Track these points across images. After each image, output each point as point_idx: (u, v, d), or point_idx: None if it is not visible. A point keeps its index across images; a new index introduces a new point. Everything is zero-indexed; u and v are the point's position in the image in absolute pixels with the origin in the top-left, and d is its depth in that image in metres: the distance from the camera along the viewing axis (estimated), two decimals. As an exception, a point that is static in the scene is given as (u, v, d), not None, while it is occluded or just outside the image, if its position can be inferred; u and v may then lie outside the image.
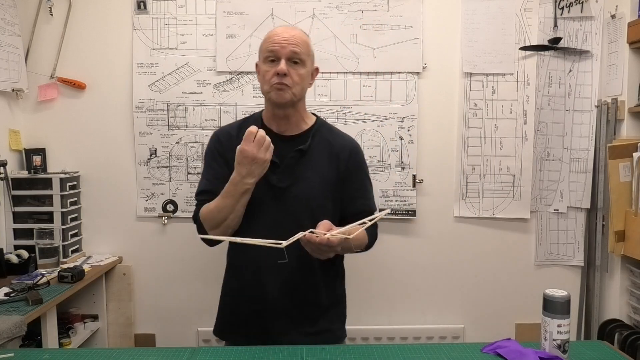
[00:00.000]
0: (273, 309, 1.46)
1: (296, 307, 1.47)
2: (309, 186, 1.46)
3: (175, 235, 2.48)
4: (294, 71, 1.43)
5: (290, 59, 1.42)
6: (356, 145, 1.59)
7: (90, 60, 2.42)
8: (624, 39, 2.26)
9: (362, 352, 1.22)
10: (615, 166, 2.20)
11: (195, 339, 2.50)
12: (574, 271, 2.54)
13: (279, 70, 1.40)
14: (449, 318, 2.55)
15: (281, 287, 1.45)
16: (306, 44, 1.47)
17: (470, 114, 2.46)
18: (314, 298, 1.49)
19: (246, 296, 1.49)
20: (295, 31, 1.47)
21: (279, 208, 1.44)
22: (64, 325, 2.20)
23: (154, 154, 2.45)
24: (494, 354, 1.20)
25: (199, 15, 2.39)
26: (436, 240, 2.52)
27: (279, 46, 1.42)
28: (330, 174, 1.49)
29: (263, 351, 1.23)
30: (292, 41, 1.43)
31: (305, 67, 1.46)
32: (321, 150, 1.50)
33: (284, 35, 1.43)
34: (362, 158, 1.59)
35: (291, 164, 1.46)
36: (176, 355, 1.21)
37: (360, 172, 1.56)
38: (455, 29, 2.43)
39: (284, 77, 1.41)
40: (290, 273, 1.45)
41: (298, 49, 1.43)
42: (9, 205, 2.23)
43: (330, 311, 1.54)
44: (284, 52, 1.42)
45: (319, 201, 1.46)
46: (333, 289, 1.56)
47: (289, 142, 1.48)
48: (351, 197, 1.52)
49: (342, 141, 1.56)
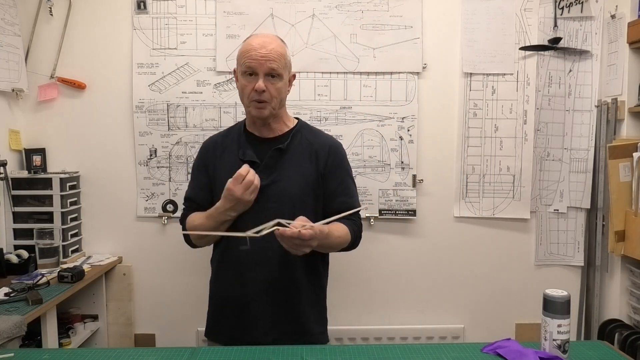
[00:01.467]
0: (255, 308, 1.49)
1: (277, 304, 1.50)
2: (289, 184, 1.49)
3: (175, 235, 2.48)
4: (272, 86, 1.47)
5: (268, 74, 1.46)
6: (336, 144, 1.62)
7: (90, 60, 2.42)
8: (624, 39, 2.26)
9: (362, 352, 1.23)
10: (615, 166, 2.20)
11: (195, 339, 2.50)
12: (574, 271, 2.54)
13: (257, 87, 1.45)
14: (449, 318, 2.55)
15: (263, 285, 1.49)
16: (283, 57, 1.49)
17: (470, 114, 2.46)
18: (294, 296, 1.51)
19: (229, 297, 1.53)
20: (272, 44, 1.48)
21: (260, 206, 1.46)
22: (64, 325, 2.20)
23: (154, 154, 2.45)
24: (494, 354, 1.20)
25: (199, 15, 2.39)
26: (436, 240, 2.52)
27: (257, 63, 1.45)
28: (309, 172, 1.52)
29: (263, 351, 1.23)
30: (269, 57, 1.45)
31: (282, 80, 1.50)
32: (301, 149, 1.54)
33: (261, 51, 1.45)
34: (342, 155, 1.61)
35: (270, 163, 1.50)
36: (176, 355, 1.21)
37: (340, 170, 1.57)
38: (455, 29, 2.43)
39: (262, 94, 1.46)
40: (272, 271, 1.48)
41: (275, 65, 1.46)
42: (9, 205, 2.23)
43: (308, 311, 1.54)
44: (262, 68, 1.45)
45: (299, 198, 1.49)
46: (312, 290, 1.57)
47: (269, 143, 1.54)
48: (332, 194, 1.54)
49: (323, 140, 1.59)
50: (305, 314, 1.53)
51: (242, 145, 1.54)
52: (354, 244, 1.56)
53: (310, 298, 1.55)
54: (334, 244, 1.46)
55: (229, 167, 1.49)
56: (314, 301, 1.57)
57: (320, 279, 1.61)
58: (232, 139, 1.59)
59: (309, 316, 1.54)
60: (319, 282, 1.60)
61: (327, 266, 1.65)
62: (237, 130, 1.61)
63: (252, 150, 1.52)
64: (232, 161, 1.52)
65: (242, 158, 1.51)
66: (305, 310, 1.53)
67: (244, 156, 1.52)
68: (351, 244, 1.55)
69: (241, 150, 1.53)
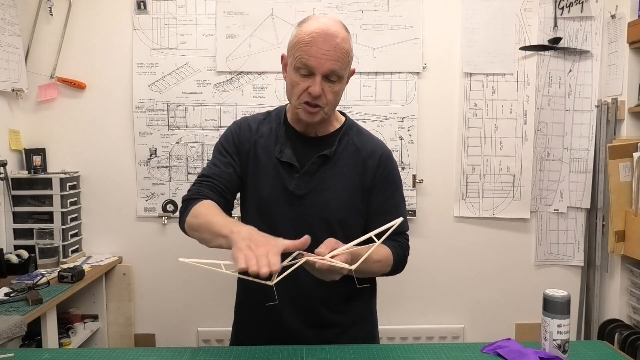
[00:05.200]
0: (292, 338, 1.30)
1: (314, 331, 1.32)
2: (329, 197, 1.27)
3: (175, 235, 2.47)
4: (330, 89, 1.20)
5: (328, 76, 1.19)
6: (388, 153, 1.36)
7: (90, 60, 2.42)
8: (624, 39, 2.26)
9: (362, 352, 1.22)
10: (615, 166, 2.20)
11: (195, 339, 2.50)
12: (574, 271, 2.54)
13: (313, 92, 1.18)
14: (449, 318, 2.55)
15: (298, 314, 1.30)
16: (347, 55, 1.21)
17: (470, 114, 2.46)
18: (330, 317, 1.33)
19: (264, 327, 1.34)
20: (338, 37, 1.18)
21: (294, 216, 1.27)
22: (64, 325, 2.20)
23: (154, 154, 2.45)
24: (494, 354, 1.20)
25: (199, 15, 2.39)
26: (436, 240, 2.52)
27: (316, 62, 1.17)
28: (354, 185, 1.28)
29: (263, 351, 1.23)
30: (332, 56, 1.17)
31: (342, 82, 1.23)
32: (347, 156, 1.30)
33: (323, 47, 1.16)
34: (393, 167, 1.35)
35: (311, 170, 1.27)
36: (176, 355, 1.21)
37: (389, 184, 1.33)
38: (455, 29, 2.43)
39: (318, 99, 1.20)
40: (303, 290, 1.28)
41: (337, 66, 1.18)
42: (9, 205, 2.23)
43: (348, 330, 1.35)
44: (321, 69, 1.18)
45: (338, 215, 1.27)
46: (349, 308, 1.36)
47: (312, 144, 1.30)
48: (376, 212, 1.30)
49: (372, 146, 1.33)
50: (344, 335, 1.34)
51: (281, 141, 1.29)
52: (396, 269, 1.31)
53: (348, 316, 1.36)
54: (372, 270, 1.24)
55: (262, 163, 1.28)
56: (354, 320, 1.37)
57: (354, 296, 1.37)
58: (271, 128, 1.33)
59: (351, 336, 1.35)
60: (357, 299, 1.38)
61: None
62: (276, 119, 1.34)
63: (291, 150, 1.28)
64: (267, 157, 1.29)
65: (279, 157, 1.27)
66: (344, 333, 1.35)
67: (281, 155, 1.27)
68: (393, 269, 1.30)
69: (278, 147, 1.29)
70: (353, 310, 1.36)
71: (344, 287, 1.21)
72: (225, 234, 1.08)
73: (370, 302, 1.44)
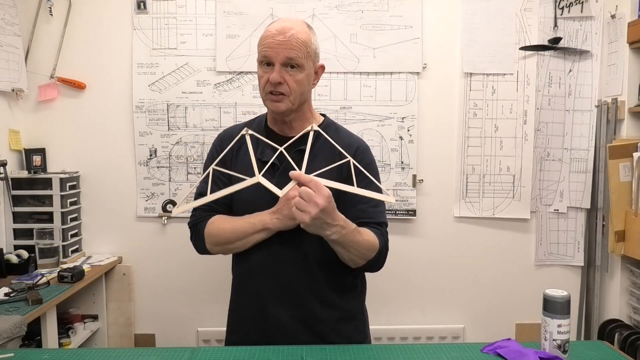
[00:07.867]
0: (282, 334, 1.35)
1: (304, 326, 1.35)
2: None
3: (175, 235, 2.48)
4: (291, 77, 1.30)
5: (286, 64, 1.29)
6: (364, 146, 1.44)
7: (90, 60, 2.42)
8: (624, 39, 2.26)
9: (361, 352, 1.22)
10: (615, 166, 2.20)
11: (195, 339, 2.50)
12: (574, 271, 2.54)
13: (272, 79, 1.28)
14: (449, 318, 2.55)
15: (287, 309, 1.36)
16: (304, 45, 1.31)
17: (470, 114, 2.46)
18: (321, 313, 1.37)
19: (254, 326, 1.39)
20: (293, 29, 1.29)
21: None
22: (64, 325, 2.20)
23: (154, 154, 2.45)
24: (494, 354, 1.20)
25: (199, 15, 2.39)
26: (436, 240, 2.52)
27: (272, 51, 1.28)
28: (332, 178, 1.30)
29: (263, 351, 1.23)
30: (287, 45, 1.27)
31: (303, 71, 1.32)
32: (325, 151, 1.36)
33: (277, 38, 1.28)
34: (370, 160, 1.42)
35: (290, 166, 1.31)
36: (176, 355, 1.21)
37: (365, 175, 1.35)
38: (455, 29, 2.43)
39: (279, 86, 1.29)
40: (292, 285, 1.35)
41: (293, 54, 1.28)
42: (9, 205, 2.23)
43: (339, 326, 1.39)
44: (278, 58, 1.28)
45: None
46: (340, 303, 1.40)
47: (291, 144, 1.34)
48: (352, 201, 1.34)
49: (348, 140, 1.41)
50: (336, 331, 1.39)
51: (262, 143, 1.36)
52: (379, 258, 1.35)
53: (340, 312, 1.40)
54: (358, 240, 1.27)
55: (246, 165, 1.32)
56: (345, 317, 1.42)
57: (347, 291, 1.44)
58: None
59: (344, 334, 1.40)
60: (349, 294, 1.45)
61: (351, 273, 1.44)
62: (257, 125, 1.44)
63: (271, 150, 1.33)
64: (249, 159, 1.32)
65: (260, 158, 1.35)
66: (335, 328, 1.39)
67: (262, 155, 1.36)
68: (376, 257, 1.33)
69: (260, 149, 1.37)
70: (343, 306, 1.41)
71: (334, 277, 1.35)
72: (260, 227, 1.32)
73: (360, 299, 1.49)
